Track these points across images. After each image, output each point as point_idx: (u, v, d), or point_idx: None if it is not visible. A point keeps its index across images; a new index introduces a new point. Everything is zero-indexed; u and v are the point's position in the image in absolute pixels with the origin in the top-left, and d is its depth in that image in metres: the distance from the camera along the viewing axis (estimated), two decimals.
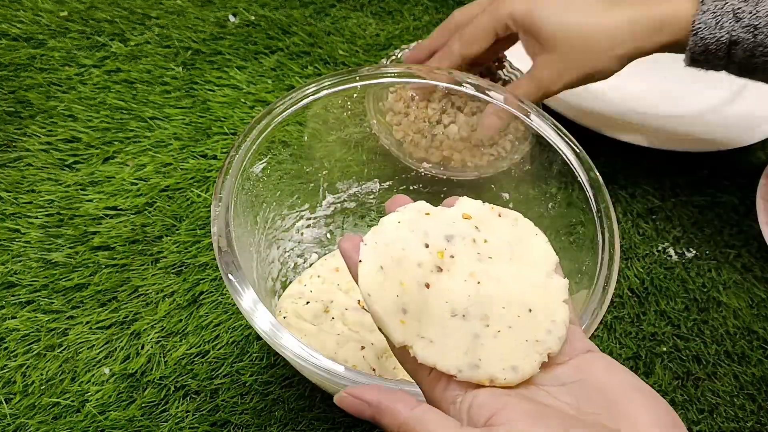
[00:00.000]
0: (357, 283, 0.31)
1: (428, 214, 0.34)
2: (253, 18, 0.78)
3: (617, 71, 0.53)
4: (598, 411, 0.27)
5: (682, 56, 0.53)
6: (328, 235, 0.58)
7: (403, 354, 0.30)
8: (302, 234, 0.56)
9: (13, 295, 0.54)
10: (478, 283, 0.31)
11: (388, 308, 0.30)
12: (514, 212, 0.34)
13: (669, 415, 0.27)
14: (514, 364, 0.29)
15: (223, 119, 0.68)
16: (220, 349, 0.53)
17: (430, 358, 0.29)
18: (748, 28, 0.49)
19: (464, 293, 0.31)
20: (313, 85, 0.48)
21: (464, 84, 0.50)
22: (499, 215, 0.34)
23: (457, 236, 0.33)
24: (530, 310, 0.31)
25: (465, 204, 0.34)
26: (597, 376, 0.29)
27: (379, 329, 0.31)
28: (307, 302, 0.52)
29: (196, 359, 0.53)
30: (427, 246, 0.32)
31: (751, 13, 0.49)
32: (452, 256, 0.32)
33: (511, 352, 0.30)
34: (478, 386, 0.29)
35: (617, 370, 0.29)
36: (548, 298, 0.32)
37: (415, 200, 0.35)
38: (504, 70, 0.65)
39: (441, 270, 0.32)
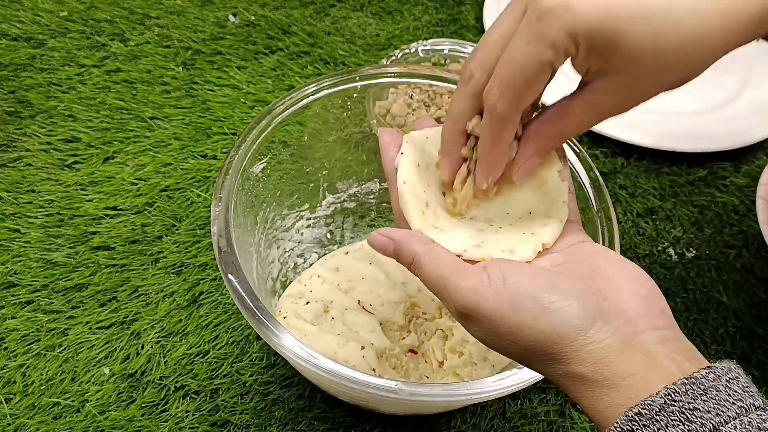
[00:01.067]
0: (387, 172, 0.36)
1: None
2: (253, 18, 0.78)
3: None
4: (581, 278, 0.30)
5: None
6: (328, 235, 0.58)
7: None
8: (302, 234, 0.56)
9: (13, 295, 0.54)
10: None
11: (416, 198, 0.34)
12: None
13: (648, 283, 0.30)
14: (512, 248, 0.33)
15: (223, 119, 0.68)
16: (220, 349, 0.53)
17: (441, 242, 0.33)
18: None
19: (474, 204, 0.36)
20: (313, 85, 0.48)
21: None
22: None
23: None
24: (530, 213, 0.35)
25: None
26: (583, 256, 0.32)
27: (401, 215, 0.35)
28: (307, 302, 0.52)
29: (196, 359, 0.53)
30: None
31: None
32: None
33: (509, 240, 0.34)
34: None
35: (601, 250, 0.33)
36: (549, 201, 0.35)
37: None
38: None
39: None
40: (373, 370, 0.48)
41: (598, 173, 0.46)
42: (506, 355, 0.30)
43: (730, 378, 0.26)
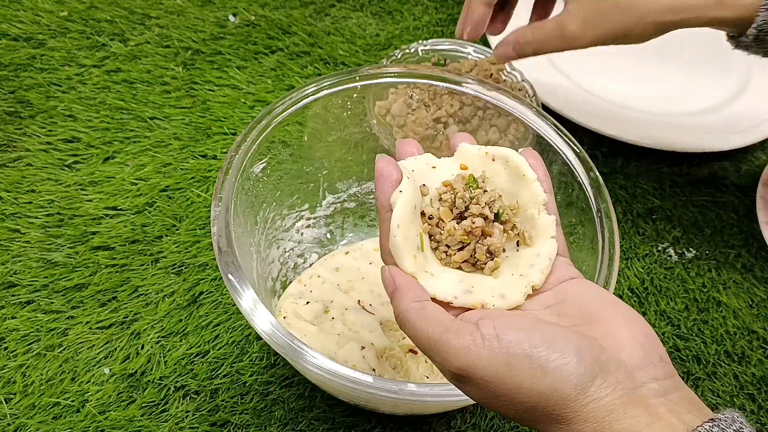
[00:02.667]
0: (380, 206, 0.34)
1: (434, 167, 0.37)
2: (253, 18, 0.78)
3: (652, 38, 0.48)
4: (576, 323, 0.30)
5: (682, 55, 0.54)
6: (328, 235, 0.58)
7: None
8: (302, 234, 0.56)
9: (13, 295, 0.54)
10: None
11: (408, 242, 0.33)
12: (505, 150, 0.36)
13: (645, 328, 0.30)
14: (502, 292, 0.32)
15: (223, 119, 0.68)
16: (220, 349, 0.53)
17: (430, 288, 0.32)
18: None
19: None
20: (313, 85, 0.48)
21: (464, 84, 0.50)
22: (493, 159, 0.36)
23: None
24: (517, 249, 0.35)
25: (463, 151, 0.37)
26: (575, 296, 0.31)
27: (389, 252, 0.34)
28: (307, 302, 0.52)
29: (196, 359, 0.53)
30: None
31: None
32: None
33: (499, 283, 0.33)
34: None
35: (593, 289, 0.32)
36: (536, 236, 0.34)
37: None
38: (503, 71, 0.65)
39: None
40: (373, 370, 0.48)
41: (598, 173, 0.46)
42: (504, 415, 0.29)
43: (734, 430, 0.26)
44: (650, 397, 0.27)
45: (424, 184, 0.35)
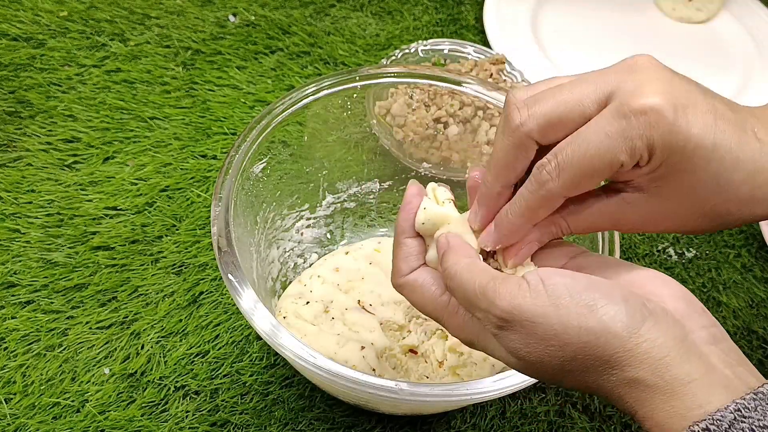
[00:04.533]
0: (399, 230, 0.34)
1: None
2: (253, 18, 0.78)
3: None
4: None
5: (682, 55, 0.53)
6: (328, 235, 0.58)
7: None
8: (302, 234, 0.56)
9: (13, 295, 0.54)
10: None
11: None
12: None
13: (678, 285, 0.29)
14: None
15: (223, 119, 0.68)
16: (220, 349, 0.53)
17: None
18: None
19: None
20: (313, 85, 0.48)
21: (464, 84, 0.50)
22: None
23: None
24: None
25: None
26: (599, 266, 0.30)
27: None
28: (307, 302, 0.52)
29: (196, 359, 0.53)
30: None
31: None
32: None
33: None
34: None
35: (616, 259, 0.31)
36: None
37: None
38: (503, 71, 0.65)
39: None
40: (373, 370, 0.48)
41: None
42: (549, 370, 0.28)
43: None
44: (701, 344, 0.26)
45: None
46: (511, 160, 0.30)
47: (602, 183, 0.30)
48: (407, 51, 0.69)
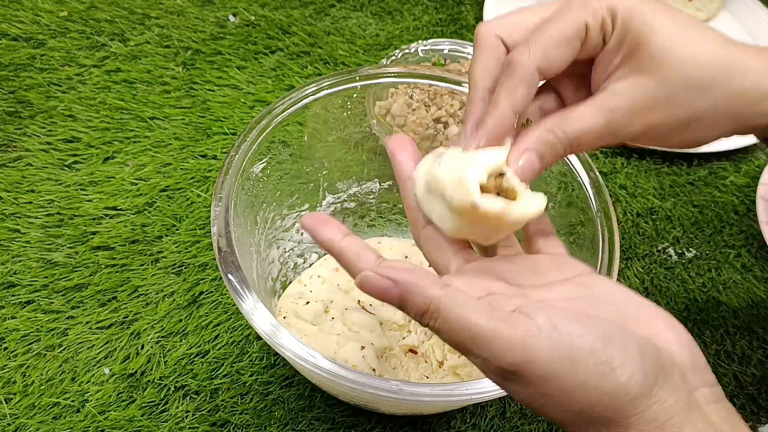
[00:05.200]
0: (400, 178, 0.34)
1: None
2: (253, 18, 0.78)
3: (715, 139, 0.34)
4: (612, 320, 0.27)
5: None
6: None
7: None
8: (302, 234, 0.56)
9: (13, 295, 0.54)
10: None
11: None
12: None
13: (684, 330, 0.27)
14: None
15: (223, 119, 0.68)
16: (220, 349, 0.53)
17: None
18: None
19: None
20: (313, 85, 0.48)
21: (464, 84, 0.50)
22: None
23: None
24: None
25: None
26: (603, 293, 0.28)
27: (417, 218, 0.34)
28: (307, 302, 0.52)
29: (196, 359, 0.53)
30: None
31: None
32: None
33: None
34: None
35: (621, 288, 0.29)
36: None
37: None
38: None
39: None
40: (373, 370, 0.48)
41: (598, 173, 0.46)
42: (549, 417, 0.26)
43: None
44: (703, 403, 0.25)
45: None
46: (485, 63, 0.31)
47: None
48: (407, 51, 0.69)
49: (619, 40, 0.30)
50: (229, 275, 0.39)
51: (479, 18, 0.82)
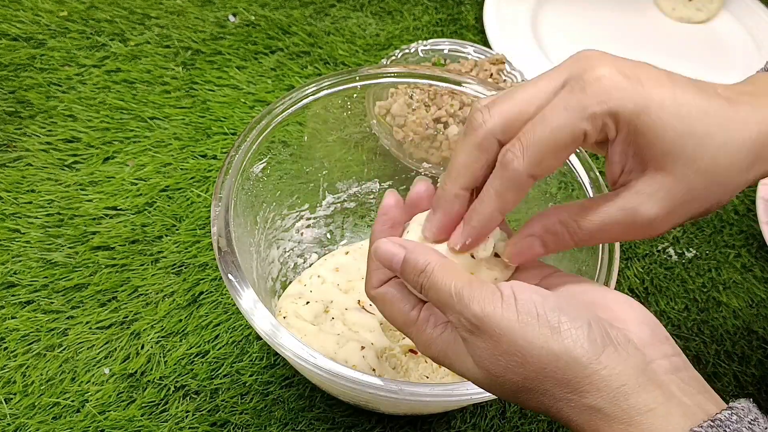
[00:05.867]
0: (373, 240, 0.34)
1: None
2: (253, 18, 0.78)
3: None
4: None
5: (682, 55, 0.52)
6: (328, 235, 0.58)
7: None
8: (302, 234, 0.56)
9: (13, 295, 0.54)
10: None
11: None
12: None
13: (647, 312, 0.29)
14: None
15: (223, 119, 0.68)
16: (220, 349, 0.53)
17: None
18: None
19: None
20: (313, 85, 0.48)
21: (464, 84, 0.50)
22: None
23: None
24: None
25: None
26: (572, 288, 0.31)
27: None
28: (307, 302, 0.52)
29: (196, 359, 0.53)
30: None
31: None
32: None
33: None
34: None
35: (584, 281, 0.32)
36: None
37: None
38: (503, 71, 0.65)
39: None
40: (373, 370, 0.48)
41: (598, 173, 0.46)
42: (511, 387, 0.28)
43: (751, 420, 0.25)
44: (661, 373, 0.26)
45: None
46: (471, 161, 0.30)
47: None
48: (407, 51, 0.69)
49: (627, 142, 0.29)
50: (229, 275, 0.39)
51: (479, 18, 0.82)
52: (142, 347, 0.53)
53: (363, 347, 0.49)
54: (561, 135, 0.28)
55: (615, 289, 0.38)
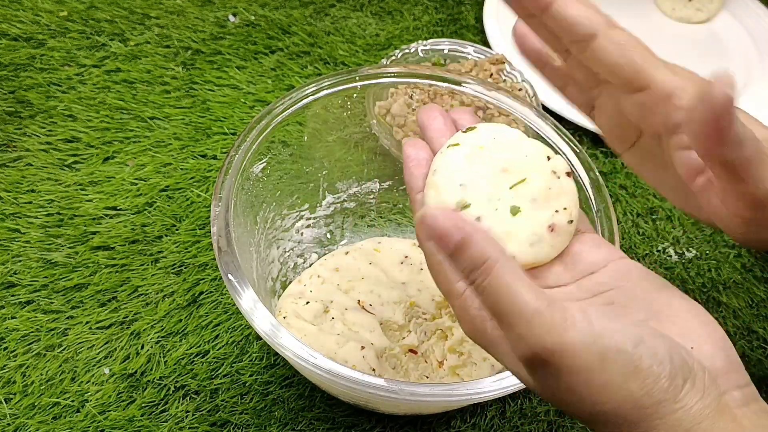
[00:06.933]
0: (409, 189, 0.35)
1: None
2: (253, 18, 0.78)
3: None
4: (644, 318, 0.27)
5: (682, 56, 0.52)
6: (328, 235, 0.58)
7: None
8: (302, 234, 0.56)
9: (13, 295, 0.54)
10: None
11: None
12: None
13: (718, 328, 0.27)
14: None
15: (223, 119, 0.68)
16: (220, 349, 0.53)
17: None
18: None
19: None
20: (313, 85, 0.48)
21: (464, 84, 0.50)
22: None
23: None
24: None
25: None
26: (634, 283, 0.28)
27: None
28: (307, 302, 0.52)
29: (195, 359, 0.53)
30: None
31: None
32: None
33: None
34: None
35: (652, 277, 0.29)
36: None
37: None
38: (503, 71, 0.65)
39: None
40: (373, 370, 0.48)
41: (598, 173, 0.46)
42: (570, 412, 0.26)
43: None
44: (734, 407, 0.25)
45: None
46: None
47: None
48: (407, 51, 0.69)
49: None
50: (229, 275, 0.39)
51: (479, 18, 0.82)
52: (142, 347, 0.53)
53: (363, 347, 0.49)
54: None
55: None
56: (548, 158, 0.35)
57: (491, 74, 0.67)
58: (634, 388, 0.24)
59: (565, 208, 0.33)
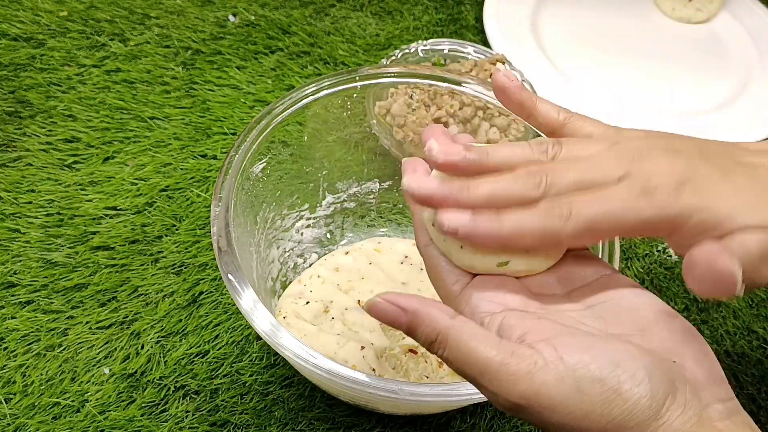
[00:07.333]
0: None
1: None
2: (253, 18, 0.78)
3: None
4: (629, 332, 0.27)
5: (682, 56, 0.52)
6: (328, 235, 0.58)
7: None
8: (302, 234, 0.56)
9: (13, 295, 0.54)
10: None
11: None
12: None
13: (702, 342, 0.28)
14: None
15: (223, 119, 0.68)
16: (220, 349, 0.53)
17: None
18: None
19: None
20: (313, 85, 0.48)
21: (464, 84, 0.50)
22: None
23: None
24: None
25: None
26: (622, 298, 0.29)
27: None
28: (307, 302, 0.52)
29: (195, 359, 0.53)
30: None
31: None
32: None
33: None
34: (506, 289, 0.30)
35: (641, 293, 0.29)
36: None
37: None
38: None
39: None
40: (373, 370, 0.48)
41: None
42: None
43: None
44: (716, 419, 0.25)
45: None
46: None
47: None
48: (407, 51, 0.69)
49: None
50: (229, 275, 0.39)
51: (479, 18, 0.82)
52: (142, 347, 0.53)
53: (363, 347, 0.49)
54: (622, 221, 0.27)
55: None
56: None
57: (491, 74, 0.67)
58: (616, 413, 0.24)
59: None
